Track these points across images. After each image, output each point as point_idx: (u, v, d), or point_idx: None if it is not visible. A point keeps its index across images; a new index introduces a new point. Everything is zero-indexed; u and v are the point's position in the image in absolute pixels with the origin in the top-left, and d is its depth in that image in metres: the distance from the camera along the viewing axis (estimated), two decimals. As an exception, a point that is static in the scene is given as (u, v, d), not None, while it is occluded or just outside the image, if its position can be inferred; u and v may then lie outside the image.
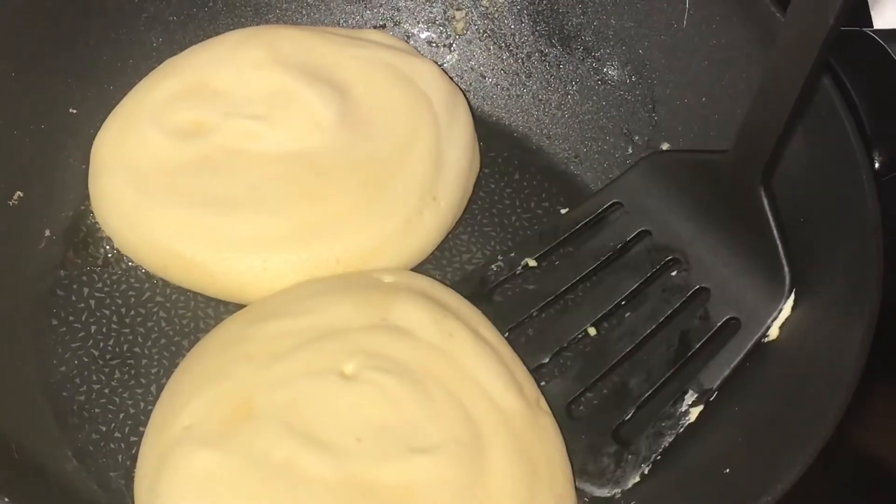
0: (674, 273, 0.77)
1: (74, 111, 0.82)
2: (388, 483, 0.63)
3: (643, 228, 0.79)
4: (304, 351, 0.68)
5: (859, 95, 0.79)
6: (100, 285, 0.78)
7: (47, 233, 0.79)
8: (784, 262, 0.72)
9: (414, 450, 0.64)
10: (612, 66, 0.88)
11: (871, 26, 0.95)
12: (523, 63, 0.91)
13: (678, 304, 0.75)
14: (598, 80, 0.89)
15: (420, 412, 0.66)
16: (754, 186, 0.72)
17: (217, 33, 0.86)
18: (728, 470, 0.67)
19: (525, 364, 0.73)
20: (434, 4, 0.92)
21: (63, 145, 0.82)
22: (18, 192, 0.78)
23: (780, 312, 0.72)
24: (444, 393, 0.67)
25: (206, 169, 0.78)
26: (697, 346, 0.74)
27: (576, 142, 0.89)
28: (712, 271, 0.75)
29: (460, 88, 0.89)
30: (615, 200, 0.80)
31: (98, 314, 0.77)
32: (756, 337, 0.73)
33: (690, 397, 0.72)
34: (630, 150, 0.87)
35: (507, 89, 0.92)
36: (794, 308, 0.72)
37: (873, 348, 0.64)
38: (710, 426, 0.73)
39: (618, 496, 0.71)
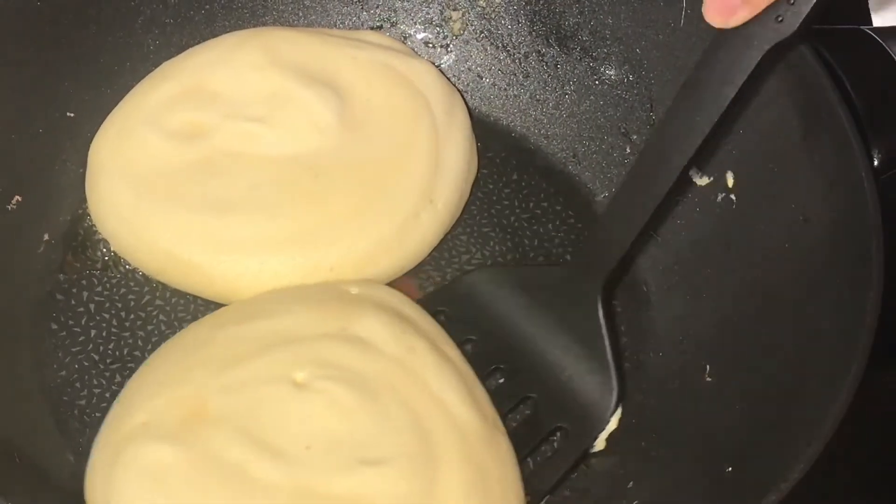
0: (500, 381, 0.75)
1: (72, 114, 0.82)
2: (338, 494, 0.62)
3: (467, 337, 0.76)
4: (258, 358, 0.68)
5: (857, 93, 0.79)
6: (99, 289, 0.78)
7: (46, 237, 0.79)
8: (613, 377, 0.72)
9: (364, 462, 0.64)
10: (610, 65, 0.88)
11: (871, 24, 0.95)
12: (520, 63, 0.91)
13: (505, 412, 0.73)
14: (596, 79, 0.89)
15: (372, 423, 0.65)
16: (592, 300, 0.73)
17: (214, 35, 0.86)
18: (731, 468, 0.67)
19: None
20: (431, 5, 0.92)
21: (61, 149, 0.81)
22: (17, 197, 0.78)
23: (607, 425, 0.73)
24: (399, 405, 0.67)
25: (204, 171, 0.77)
26: (526, 452, 0.72)
27: (574, 142, 0.89)
28: (540, 381, 0.74)
29: (457, 89, 0.89)
30: (439, 308, 0.78)
31: (98, 318, 0.77)
32: (582, 449, 0.73)
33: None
34: (628, 150, 0.87)
35: (505, 90, 0.92)
36: (796, 310, 0.72)
37: (874, 347, 0.64)
38: (710, 425, 0.73)
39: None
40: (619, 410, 0.74)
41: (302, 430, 0.65)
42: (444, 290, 0.80)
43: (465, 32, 0.92)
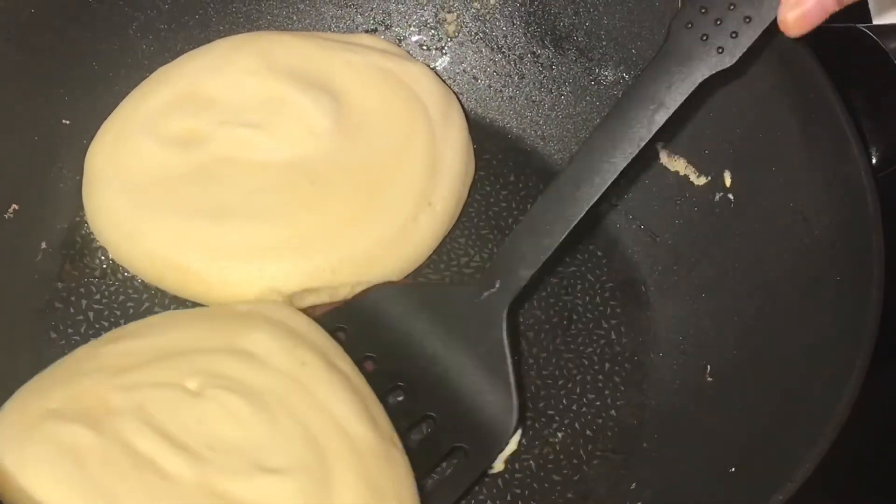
0: (399, 398, 0.74)
1: (67, 122, 0.81)
2: (239, 496, 0.62)
3: (366, 354, 0.75)
4: (149, 367, 0.68)
5: (855, 91, 0.79)
6: (98, 297, 0.78)
7: (43, 245, 0.79)
8: (514, 399, 0.72)
9: (262, 468, 0.64)
10: (606, 66, 0.88)
11: (870, 22, 0.95)
12: (516, 65, 0.91)
13: (403, 431, 0.71)
14: (592, 80, 0.89)
15: (265, 432, 0.65)
16: (496, 321, 0.73)
17: (209, 41, 0.85)
18: (734, 469, 0.67)
19: None
20: (425, 7, 0.92)
21: (56, 156, 0.81)
22: (13, 206, 0.77)
23: (506, 447, 0.72)
24: (290, 418, 0.66)
25: (201, 178, 0.77)
26: (425, 471, 0.71)
27: (570, 143, 0.89)
28: (440, 400, 0.73)
29: (453, 91, 0.88)
30: (338, 325, 0.76)
31: (97, 326, 0.77)
32: (481, 470, 0.72)
33: None
34: (624, 150, 0.87)
35: (500, 91, 0.92)
36: (797, 311, 0.72)
37: (876, 344, 0.64)
38: (712, 425, 0.73)
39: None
40: (519, 433, 0.74)
41: (201, 432, 0.65)
42: (345, 306, 0.77)
43: (460, 34, 0.92)
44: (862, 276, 0.67)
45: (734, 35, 0.66)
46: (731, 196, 0.80)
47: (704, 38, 0.67)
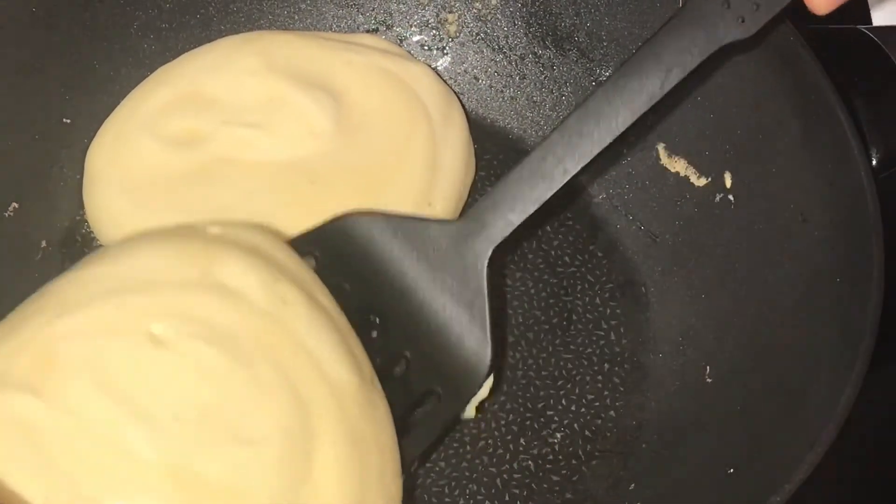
0: (373, 335, 0.69)
1: (68, 120, 0.81)
2: (212, 477, 0.55)
3: (339, 284, 0.69)
4: (104, 304, 0.58)
5: (855, 93, 0.80)
6: (97, 296, 0.78)
7: (43, 244, 0.79)
8: (489, 344, 0.68)
9: (238, 440, 0.56)
10: (607, 67, 0.88)
11: (870, 23, 0.95)
12: (517, 65, 0.91)
13: (377, 370, 0.67)
14: (593, 81, 0.89)
15: (245, 392, 0.57)
16: (478, 264, 0.69)
17: (210, 40, 0.85)
18: (732, 470, 0.67)
19: None
20: (426, 7, 0.92)
21: (57, 155, 0.81)
22: (14, 204, 0.77)
23: (478, 392, 0.69)
24: (273, 370, 0.59)
25: (202, 178, 0.77)
26: (398, 414, 0.66)
27: (571, 143, 0.89)
28: (414, 339, 0.69)
29: (454, 91, 0.88)
30: (308, 250, 0.71)
31: (96, 325, 0.77)
32: (453, 415, 0.70)
33: None
34: (624, 151, 0.87)
35: (502, 91, 0.92)
36: (797, 311, 0.72)
37: (876, 346, 0.64)
38: (711, 426, 0.73)
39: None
40: (491, 379, 0.70)
41: (167, 396, 0.56)
42: (317, 231, 0.72)
43: (461, 35, 0.92)
44: (861, 277, 0.67)
45: (756, 7, 0.66)
46: (731, 197, 0.80)
47: (727, 5, 0.66)
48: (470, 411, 0.72)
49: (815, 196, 0.73)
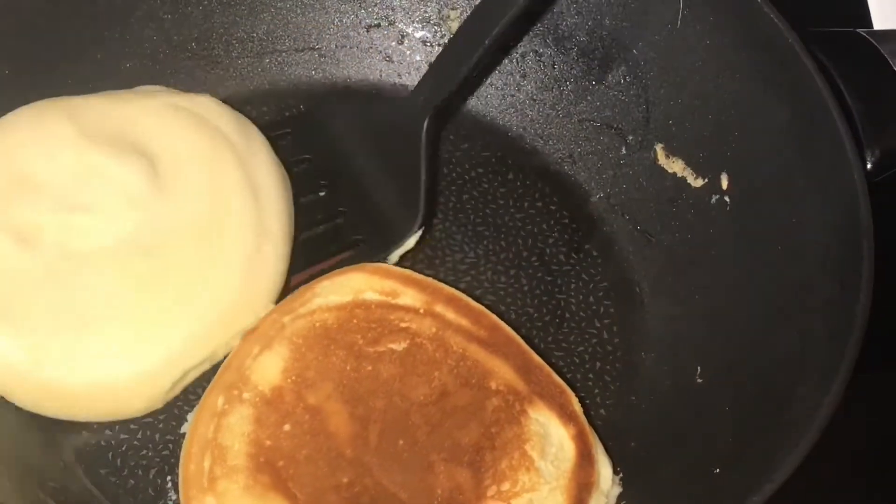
0: (321, 194, 0.84)
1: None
2: None
3: (304, 156, 0.85)
4: None
5: (851, 96, 0.79)
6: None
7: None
8: (422, 201, 0.80)
9: None
10: (607, 66, 0.88)
11: (869, 26, 0.95)
12: (518, 63, 0.91)
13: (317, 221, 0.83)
14: (593, 80, 0.89)
15: None
16: (417, 130, 0.81)
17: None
18: (718, 469, 0.67)
19: None
20: (429, 4, 0.92)
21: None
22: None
23: (403, 243, 0.80)
24: None
25: (50, 282, 0.73)
26: (327, 256, 0.81)
27: (570, 142, 0.89)
28: (355, 198, 0.83)
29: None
30: (285, 130, 0.86)
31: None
32: (379, 255, 0.80)
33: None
34: (624, 150, 0.87)
35: (502, 89, 0.92)
36: (787, 312, 0.71)
37: (863, 349, 0.64)
38: (701, 426, 0.73)
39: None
40: (418, 234, 0.80)
41: None
42: (294, 117, 0.89)
43: (463, 31, 0.92)
44: (853, 280, 0.67)
45: None
46: (727, 199, 0.80)
47: None
48: (393, 258, 0.81)
49: (810, 199, 0.73)
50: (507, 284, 0.83)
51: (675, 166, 0.84)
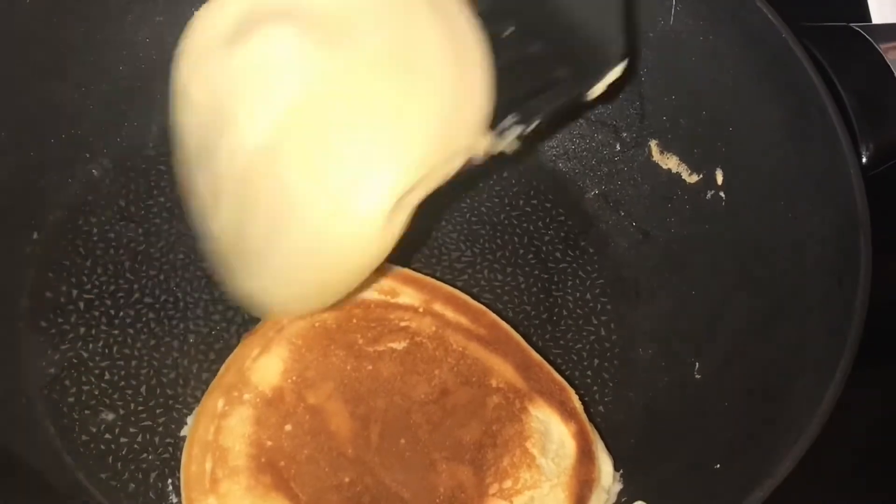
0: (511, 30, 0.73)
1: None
2: None
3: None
4: None
5: (847, 91, 0.80)
6: (88, 286, 0.78)
7: (35, 235, 0.79)
8: (622, 34, 0.72)
9: None
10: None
11: (863, 20, 0.95)
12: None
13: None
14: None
15: None
16: None
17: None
18: (719, 465, 0.67)
19: None
20: (422, 2, 0.92)
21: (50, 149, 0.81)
22: (6, 196, 0.77)
23: (609, 75, 0.73)
24: None
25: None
26: (528, 83, 0.72)
27: (564, 139, 0.89)
28: (550, 30, 0.73)
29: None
30: None
31: (87, 316, 0.77)
32: (579, 90, 0.73)
33: (512, 120, 0.71)
34: (618, 147, 0.87)
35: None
36: (784, 307, 0.72)
37: (861, 344, 0.64)
38: (699, 422, 0.73)
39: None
40: (624, 64, 0.73)
41: None
42: None
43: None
44: (849, 274, 0.67)
45: None
46: (722, 194, 0.80)
47: None
48: (597, 89, 0.74)
49: (805, 193, 0.73)
50: (503, 282, 0.83)
51: (670, 162, 0.84)
